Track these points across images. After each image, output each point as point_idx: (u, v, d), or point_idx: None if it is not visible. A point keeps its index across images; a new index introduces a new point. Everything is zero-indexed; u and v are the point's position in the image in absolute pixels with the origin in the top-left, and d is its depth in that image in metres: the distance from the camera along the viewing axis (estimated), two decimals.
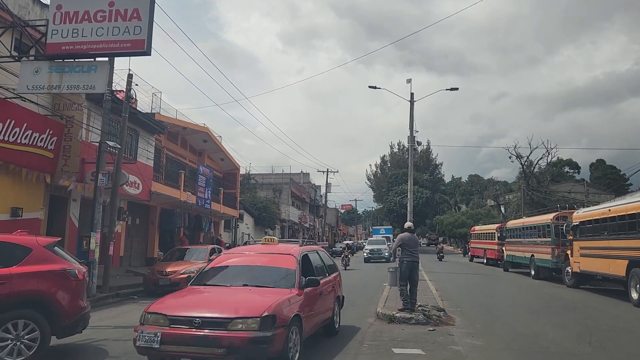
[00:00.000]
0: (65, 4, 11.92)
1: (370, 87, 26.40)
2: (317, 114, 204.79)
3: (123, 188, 15.66)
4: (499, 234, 27.48)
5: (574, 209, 18.76)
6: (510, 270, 24.26)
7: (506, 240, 25.15)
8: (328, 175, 52.33)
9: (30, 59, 12.48)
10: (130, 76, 14.90)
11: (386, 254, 31.77)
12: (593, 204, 22.82)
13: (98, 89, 12.00)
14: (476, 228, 35.31)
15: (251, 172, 46.90)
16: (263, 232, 41.61)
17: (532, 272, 20.19)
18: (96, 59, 12.05)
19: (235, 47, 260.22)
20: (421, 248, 23.05)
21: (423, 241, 76.04)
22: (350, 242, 52.76)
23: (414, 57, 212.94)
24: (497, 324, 9.46)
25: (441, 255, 34.66)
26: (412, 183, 25.36)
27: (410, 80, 24.42)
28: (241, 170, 37.11)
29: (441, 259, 34.04)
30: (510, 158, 45.34)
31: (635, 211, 12.04)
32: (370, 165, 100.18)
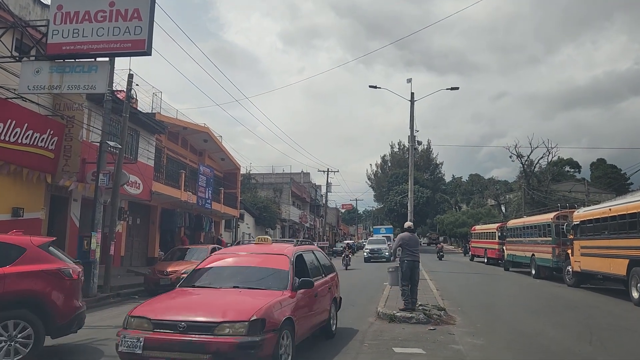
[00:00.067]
0: (65, 4, 11.95)
1: (370, 86, 26.41)
2: (317, 114, 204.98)
3: (124, 188, 15.68)
4: (499, 234, 27.47)
5: (574, 208, 18.76)
6: (511, 269, 24.26)
7: (507, 239, 25.15)
8: (328, 175, 52.35)
9: (31, 59, 12.49)
10: (130, 76, 14.92)
11: (386, 253, 31.75)
12: (594, 203, 22.80)
13: (99, 89, 12.04)
14: (477, 227, 35.29)
15: (252, 172, 46.97)
16: (264, 231, 41.62)
17: (533, 272, 20.18)
18: (97, 59, 12.08)
19: (235, 47, 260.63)
20: (422, 248, 23.02)
21: (424, 241, 76.05)
22: (351, 241, 52.75)
23: (414, 57, 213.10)
24: (498, 323, 9.47)
25: (441, 255, 35.10)
26: (412, 182, 25.40)
27: (411, 80, 24.59)
28: (242, 170, 37.15)
29: (441, 258, 34.45)
30: (510, 157, 45.48)
31: (636, 210, 12.04)
32: (370, 164, 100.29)
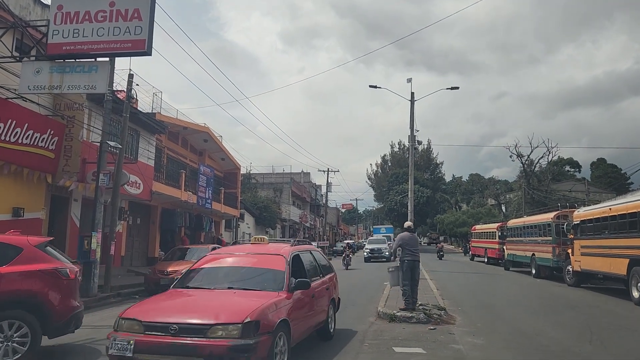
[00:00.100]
0: (66, 5, 11.98)
1: (370, 86, 26.36)
2: (317, 114, 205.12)
3: (124, 188, 15.69)
4: (499, 233, 27.47)
5: (574, 207, 18.76)
6: (511, 269, 24.27)
7: (507, 239, 25.16)
8: (329, 175, 52.32)
9: (31, 59, 12.51)
10: (131, 76, 14.93)
11: (386, 253, 31.75)
12: (594, 202, 22.80)
13: (99, 89, 12.06)
14: (477, 227, 35.29)
15: (252, 172, 46.94)
16: (264, 231, 41.63)
17: (533, 271, 20.19)
18: (97, 59, 12.11)
19: (235, 47, 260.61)
20: (422, 247, 23.01)
21: (424, 240, 76.10)
22: (351, 241, 52.77)
23: (415, 57, 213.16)
24: (498, 322, 9.48)
25: (441, 254, 35.32)
26: (412, 182, 25.40)
27: (411, 80, 24.59)
28: (242, 169, 37.15)
29: (441, 257, 34.67)
30: (510, 157, 45.44)
31: (636, 210, 12.04)
32: (370, 164, 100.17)
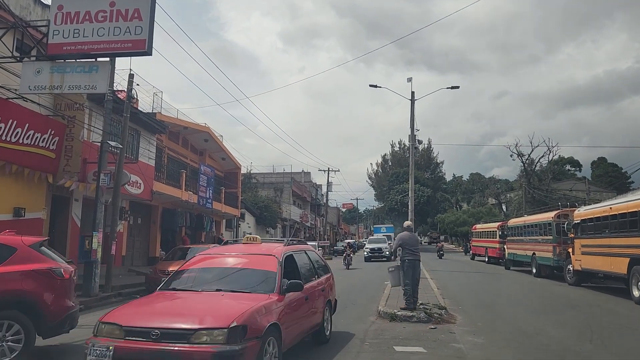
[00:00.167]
0: (66, 5, 11.98)
1: (371, 86, 26.33)
2: (317, 113, 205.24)
3: (125, 188, 15.70)
4: (500, 233, 27.46)
5: (575, 207, 18.73)
6: (512, 268, 24.25)
7: (507, 238, 25.15)
8: (329, 174, 52.40)
9: (31, 59, 12.51)
10: (131, 76, 14.94)
11: (387, 252, 31.75)
12: (594, 201, 22.75)
13: (99, 89, 12.07)
14: (477, 226, 35.27)
15: (252, 172, 46.99)
16: (264, 231, 41.68)
17: (534, 270, 20.19)
18: (97, 59, 12.11)
19: (235, 47, 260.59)
20: (422, 246, 23.00)
21: (424, 240, 76.16)
22: (352, 241, 52.80)
23: (415, 56, 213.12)
24: (499, 321, 9.49)
25: (441, 253, 35.55)
26: (413, 182, 25.42)
27: (411, 79, 24.72)
28: (242, 169, 37.19)
29: (441, 256, 34.84)
30: (511, 156, 45.47)
31: (637, 209, 12.04)
32: (371, 164, 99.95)
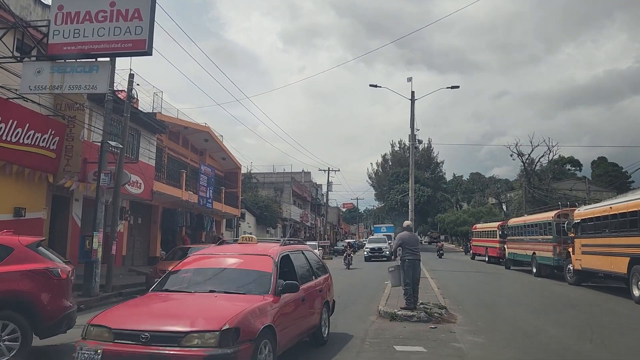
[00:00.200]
0: (66, 5, 11.99)
1: (371, 85, 26.36)
2: (318, 113, 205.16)
3: (125, 188, 15.71)
4: (500, 232, 27.46)
5: (575, 206, 18.74)
6: (512, 268, 24.24)
7: (508, 238, 25.15)
8: (329, 174, 52.40)
9: (32, 59, 12.52)
10: (131, 76, 14.95)
11: (387, 252, 31.72)
12: (594, 201, 22.77)
13: (100, 89, 12.08)
14: (478, 226, 35.28)
15: (252, 171, 47.06)
16: (265, 231, 41.71)
17: (534, 270, 20.19)
18: (97, 59, 12.12)
19: (236, 46, 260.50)
20: (422, 246, 23.01)
21: (425, 239, 76.22)
22: (352, 240, 52.82)
23: (415, 56, 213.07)
24: (499, 321, 9.50)
25: (441, 253, 35.81)
26: (413, 181, 25.45)
27: (411, 79, 24.79)
28: (242, 169, 37.22)
29: (441, 256, 35.05)
30: (511, 156, 45.41)
31: (637, 208, 12.03)
32: (371, 163, 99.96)
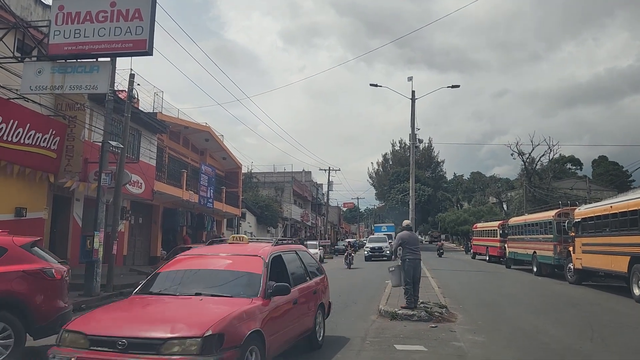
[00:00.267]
0: (67, 5, 12.01)
1: (371, 85, 26.30)
2: (318, 112, 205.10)
3: (126, 187, 15.74)
4: (501, 231, 27.44)
5: (575, 205, 18.75)
6: (513, 267, 24.25)
7: (508, 237, 25.14)
8: (330, 174, 52.43)
9: (32, 59, 12.54)
10: (132, 76, 14.97)
11: (387, 252, 31.70)
12: (595, 200, 22.78)
13: (100, 89, 12.10)
14: (478, 225, 35.28)
15: (253, 171, 47.12)
16: (265, 230, 41.75)
17: (535, 269, 20.19)
18: (98, 59, 12.13)
19: (236, 46, 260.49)
20: (423, 245, 23.00)
21: (425, 239, 76.26)
22: (353, 240, 52.84)
23: (415, 55, 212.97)
24: (499, 320, 9.50)
25: (441, 252, 36.24)
26: (413, 181, 25.43)
27: (412, 78, 24.83)
28: (243, 169, 37.24)
29: (441, 255, 35.42)
30: (512, 155, 45.37)
31: (637, 207, 12.04)
32: (372, 163, 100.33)
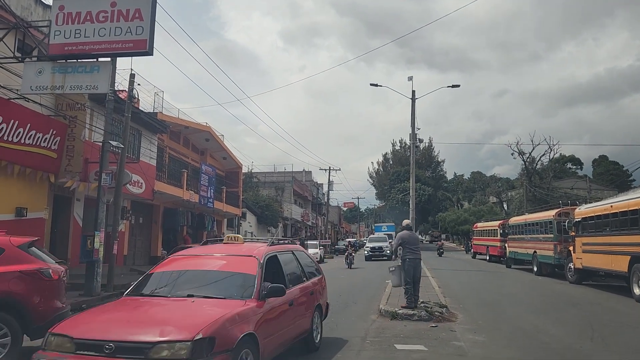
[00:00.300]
0: (67, 5, 12.01)
1: (371, 84, 26.31)
2: (318, 112, 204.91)
3: (126, 187, 15.75)
4: (501, 231, 27.44)
5: (576, 205, 18.75)
6: (513, 266, 24.27)
7: (509, 236, 25.15)
8: (330, 173, 52.44)
9: (33, 59, 12.54)
10: (132, 76, 14.99)
11: (388, 251, 31.69)
12: (595, 200, 22.79)
13: (101, 89, 12.10)
14: (479, 225, 35.27)
15: (253, 171, 47.16)
16: (266, 230, 41.76)
17: (535, 269, 20.19)
18: (99, 59, 12.13)
19: (236, 46, 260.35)
20: (423, 245, 23.03)
21: (426, 238, 76.27)
22: (353, 239, 52.86)
23: (415, 55, 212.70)
24: (499, 320, 9.51)
25: (441, 251, 36.43)
26: (414, 180, 25.46)
27: (412, 78, 24.84)
28: (243, 168, 37.26)
29: (441, 254, 35.57)
30: (512, 155, 45.42)
31: (637, 207, 12.05)
32: (372, 162, 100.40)
